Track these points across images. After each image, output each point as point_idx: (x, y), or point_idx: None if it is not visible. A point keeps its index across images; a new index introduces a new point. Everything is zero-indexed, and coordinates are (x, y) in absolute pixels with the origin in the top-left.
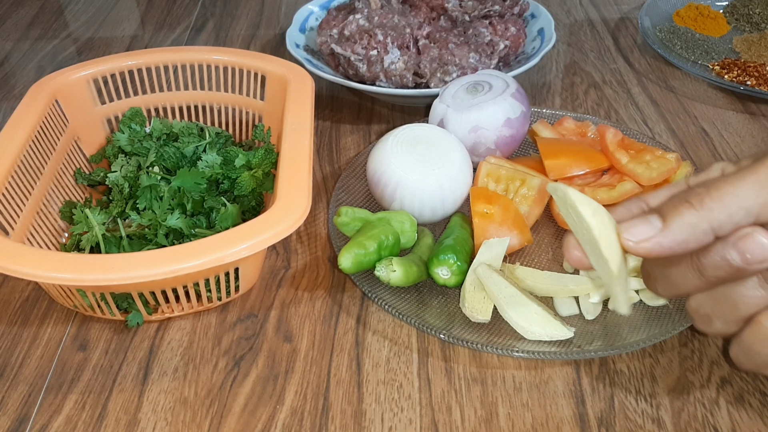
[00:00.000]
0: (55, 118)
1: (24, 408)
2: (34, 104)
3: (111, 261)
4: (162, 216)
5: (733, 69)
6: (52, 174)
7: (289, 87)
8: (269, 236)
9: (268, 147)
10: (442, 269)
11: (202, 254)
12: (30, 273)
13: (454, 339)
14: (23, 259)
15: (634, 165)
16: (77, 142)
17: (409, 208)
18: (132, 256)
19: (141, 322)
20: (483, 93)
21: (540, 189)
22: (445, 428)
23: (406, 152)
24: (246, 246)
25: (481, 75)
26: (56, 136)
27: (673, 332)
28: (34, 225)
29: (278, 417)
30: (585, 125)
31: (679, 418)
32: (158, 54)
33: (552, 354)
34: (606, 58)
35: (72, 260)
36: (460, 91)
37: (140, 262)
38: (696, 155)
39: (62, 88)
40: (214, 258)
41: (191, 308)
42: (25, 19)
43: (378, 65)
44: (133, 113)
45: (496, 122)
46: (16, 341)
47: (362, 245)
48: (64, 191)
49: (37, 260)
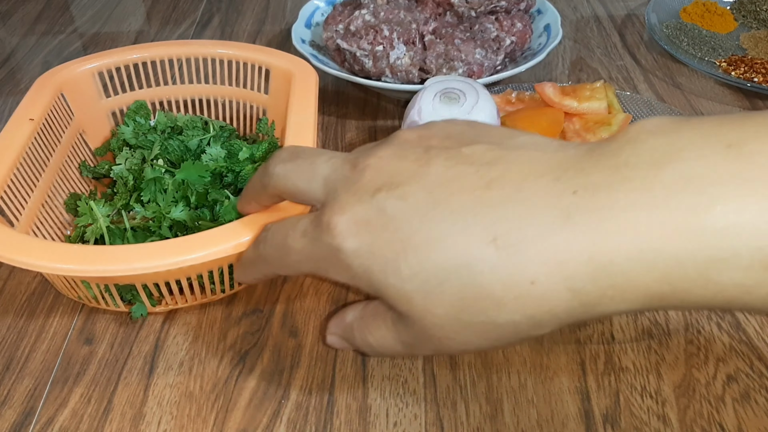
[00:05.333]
0: (60, 111)
1: (30, 401)
2: (39, 97)
3: (115, 252)
4: (166, 208)
5: (740, 66)
6: (56, 166)
7: (293, 81)
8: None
9: (271, 140)
10: None
11: (205, 246)
12: (35, 264)
13: None
14: (28, 250)
15: (588, 103)
16: (82, 135)
17: None
18: (136, 248)
19: (145, 314)
20: (459, 103)
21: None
22: (450, 424)
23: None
24: (248, 239)
25: (447, 81)
26: (61, 128)
27: None
28: (39, 217)
29: (283, 412)
30: (521, 94)
31: (684, 415)
32: (163, 47)
33: None
34: (612, 54)
35: (76, 251)
36: (436, 103)
37: (144, 253)
38: None
39: (68, 81)
40: (217, 250)
41: (194, 300)
42: (32, 14)
43: (384, 61)
44: (138, 106)
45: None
46: (22, 335)
47: None
48: (69, 184)
49: (42, 251)
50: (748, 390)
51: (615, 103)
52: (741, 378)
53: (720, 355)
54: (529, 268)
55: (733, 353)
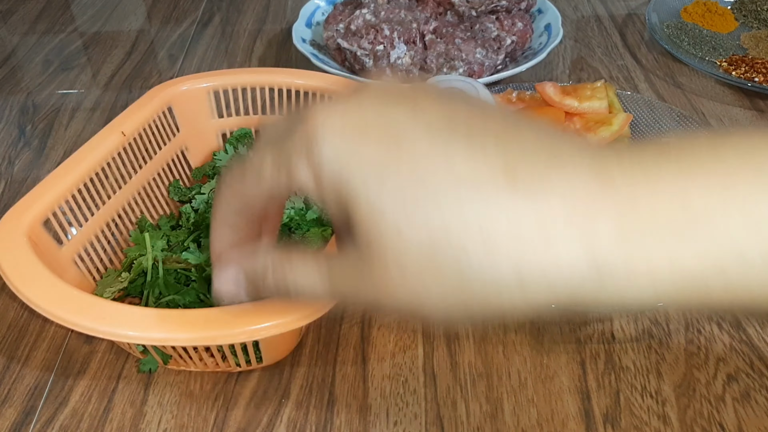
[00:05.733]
0: (162, 125)
1: (30, 400)
2: (141, 109)
3: (126, 315)
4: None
5: (740, 65)
6: (140, 183)
7: None
8: (269, 326)
9: None
10: None
11: (208, 327)
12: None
13: None
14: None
15: (589, 103)
16: (184, 153)
17: None
18: (144, 315)
19: (154, 369)
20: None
21: None
22: (451, 423)
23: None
24: (258, 327)
25: (448, 81)
26: (159, 143)
27: None
28: (99, 234)
29: (283, 411)
30: (521, 93)
31: (684, 415)
32: (282, 75)
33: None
34: (613, 54)
35: (88, 304)
36: None
37: (149, 322)
38: None
39: (178, 96)
40: (221, 334)
41: (205, 367)
42: (32, 13)
43: (384, 60)
44: (242, 134)
45: None
46: (23, 333)
47: None
48: (151, 202)
49: (49, 298)
50: (749, 390)
51: (616, 102)
52: (741, 378)
53: (720, 354)
54: (547, 216)
55: (734, 353)
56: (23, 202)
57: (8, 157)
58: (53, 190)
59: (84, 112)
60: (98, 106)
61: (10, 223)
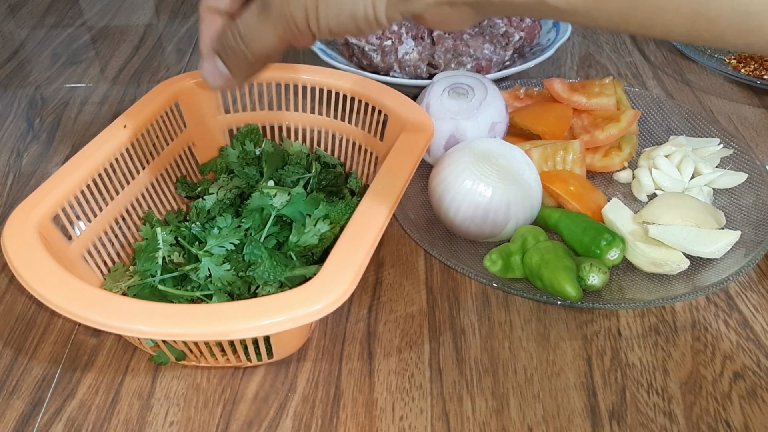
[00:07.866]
0: (170, 121)
1: (38, 392)
2: (147, 104)
3: (134, 310)
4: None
5: (749, 63)
6: (147, 178)
7: (401, 136)
8: (280, 321)
9: (348, 202)
10: (614, 251)
11: (209, 322)
12: (47, 299)
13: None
14: (51, 285)
15: (597, 99)
16: (191, 148)
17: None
18: (155, 310)
19: (166, 362)
20: (468, 99)
21: (581, 148)
22: (456, 418)
23: (485, 166)
24: (270, 322)
25: (456, 77)
26: (167, 139)
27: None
28: (108, 231)
29: (290, 404)
30: (529, 90)
31: (690, 412)
32: (289, 71)
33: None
34: (621, 50)
35: (98, 299)
36: (444, 98)
37: (161, 318)
38: None
39: (186, 91)
40: (218, 331)
41: (216, 362)
42: (41, 7)
43: (392, 55)
44: (249, 130)
45: (483, 128)
46: (31, 326)
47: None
48: (159, 197)
49: (61, 293)
50: (755, 387)
51: (624, 99)
52: (748, 375)
53: (727, 352)
54: None
55: (740, 351)
56: (33, 197)
57: (17, 150)
58: (62, 186)
59: (92, 106)
60: (106, 100)
61: (21, 219)
